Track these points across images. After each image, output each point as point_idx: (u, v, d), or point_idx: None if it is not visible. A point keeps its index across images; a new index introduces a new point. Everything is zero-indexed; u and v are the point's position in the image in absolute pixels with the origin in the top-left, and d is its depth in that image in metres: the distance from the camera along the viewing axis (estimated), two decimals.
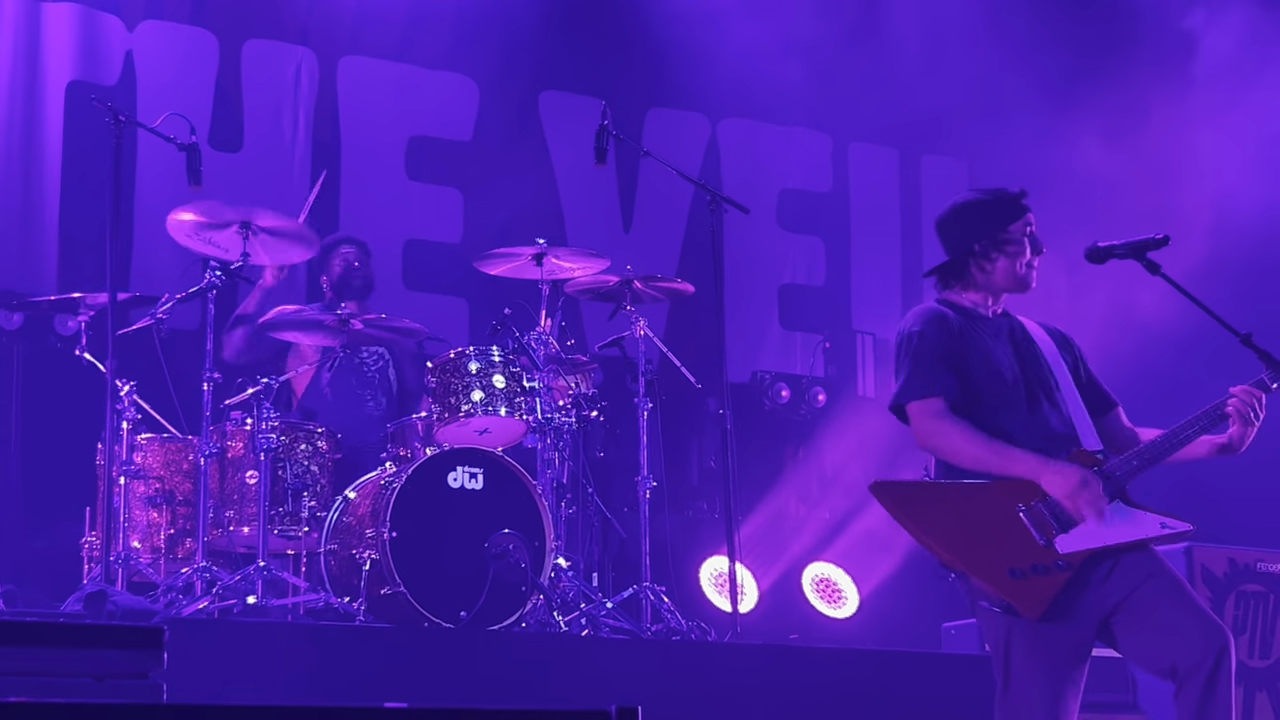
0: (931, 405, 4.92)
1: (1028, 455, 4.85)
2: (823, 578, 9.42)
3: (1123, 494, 4.89)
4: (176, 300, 7.21)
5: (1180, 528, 4.94)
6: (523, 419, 7.47)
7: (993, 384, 4.96)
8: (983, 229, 5.04)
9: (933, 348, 4.93)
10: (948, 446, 4.92)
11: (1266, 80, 9.76)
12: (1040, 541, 4.79)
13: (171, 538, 7.19)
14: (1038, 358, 5.06)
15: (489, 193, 10.11)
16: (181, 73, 9.57)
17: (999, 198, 5.09)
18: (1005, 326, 5.10)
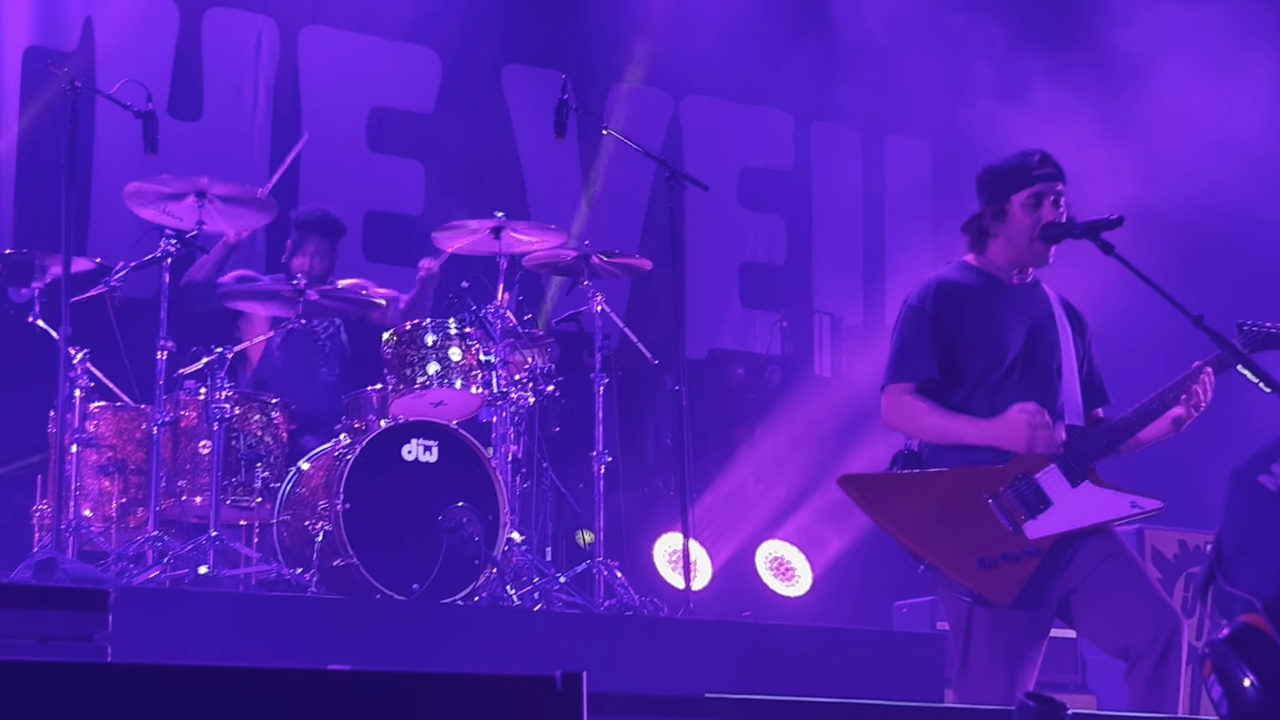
0: (902, 387, 4.96)
1: (980, 422, 4.88)
2: (776, 556, 9.43)
3: (1092, 474, 4.92)
4: (131, 269, 7.17)
5: (1151, 506, 4.98)
6: (478, 392, 7.46)
7: (983, 362, 4.98)
8: (992, 195, 5.06)
9: (918, 328, 4.97)
10: (910, 426, 4.97)
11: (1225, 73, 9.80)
12: (1009, 529, 4.82)
13: (123, 506, 7.16)
14: (1049, 337, 5.06)
15: (451, 165, 10.08)
16: (141, 40, 9.48)
17: (1015, 162, 5.06)
18: (1028, 298, 5.09)
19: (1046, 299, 5.16)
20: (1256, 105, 9.64)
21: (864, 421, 8.48)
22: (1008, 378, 4.98)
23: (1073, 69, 10.04)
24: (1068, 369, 5.07)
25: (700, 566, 8.92)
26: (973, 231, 5.13)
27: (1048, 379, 5.02)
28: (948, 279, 5.08)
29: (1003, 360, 4.98)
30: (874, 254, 11.28)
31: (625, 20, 10.30)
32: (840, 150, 11.34)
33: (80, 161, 8.71)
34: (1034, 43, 10.26)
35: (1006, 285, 5.08)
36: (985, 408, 4.95)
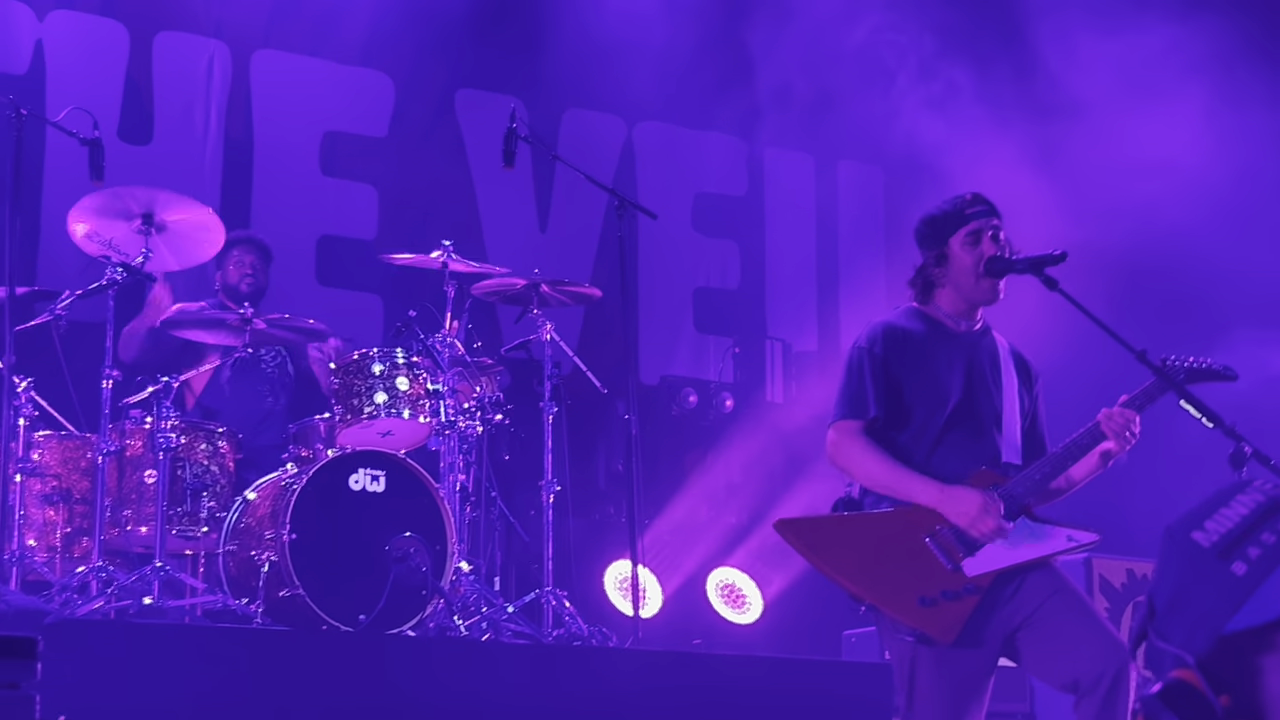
0: (851, 425, 4.97)
1: (929, 483, 4.89)
2: (727, 583, 9.43)
3: (1027, 510, 4.93)
4: (76, 297, 7.13)
5: (1087, 538, 5.00)
6: (426, 422, 7.44)
7: (925, 407, 5.00)
8: (931, 242, 5.09)
9: (870, 368, 4.98)
10: (854, 467, 4.99)
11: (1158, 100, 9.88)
12: (948, 567, 4.83)
13: (68, 536, 7.10)
14: (991, 384, 5.08)
15: (404, 189, 10.08)
16: (91, 63, 9.46)
17: (947, 206, 5.09)
18: (973, 345, 5.10)
19: (994, 346, 5.18)
20: (1189, 132, 9.72)
21: (816, 447, 8.42)
22: (949, 423, 5.00)
23: (1017, 94, 10.10)
24: (1009, 416, 5.09)
25: (650, 594, 8.92)
26: (919, 284, 5.15)
27: (987, 426, 5.04)
28: (895, 324, 5.10)
29: (944, 406, 5.00)
30: (828, 279, 11.31)
31: (578, 45, 10.29)
32: (793, 176, 11.37)
33: (29, 188, 8.68)
34: (984, 70, 10.30)
35: (953, 332, 5.10)
36: (927, 451, 4.98)
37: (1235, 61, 9.81)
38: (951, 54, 10.25)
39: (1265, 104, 9.77)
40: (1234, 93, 9.76)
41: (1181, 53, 9.78)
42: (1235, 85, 9.78)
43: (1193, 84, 9.73)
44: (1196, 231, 9.67)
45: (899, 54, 10.33)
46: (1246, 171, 9.81)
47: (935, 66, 10.26)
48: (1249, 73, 9.85)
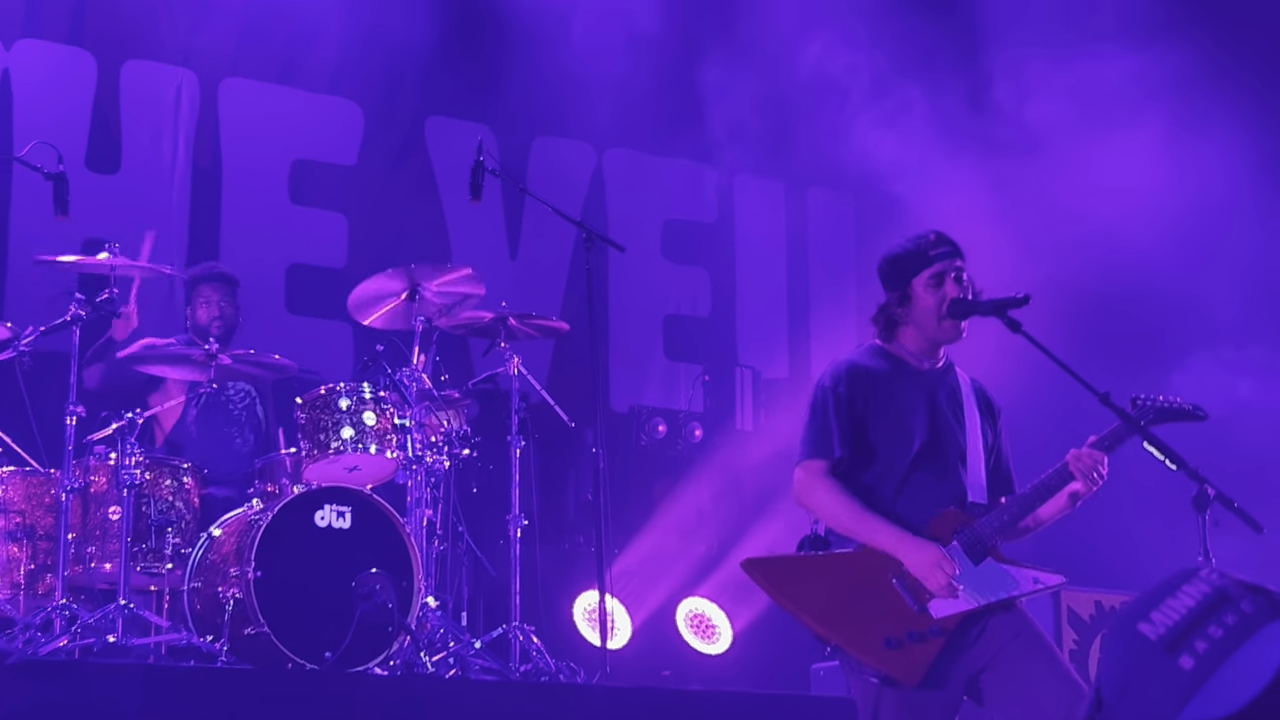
0: (816, 465, 4.97)
1: (890, 529, 4.88)
2: (696, 613, 9.41)
3: (994, 551, 4.93)
4: (40, 333, 7.09)
5: (1053, 581, 4.99)
6: (393, 457, 7.42)
7: (890, 447, 4.99)
8: (894, 281, 5.08)
9: (835, 407, 4.97)
10: (818, 508, 4.99)
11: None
12: (914, 608, 4.82)
13: (32, 573, 7.06)
14: (954, 422, 5.07)
15: (374, 218, 10.06)
16: (59, 92, 9.43)
17: (910, 246, 5.07)
18: (936, 383, 5.10)
19: (957, 384, 5.17)
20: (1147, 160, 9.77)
21: (787, 476, 8.45)
22: (914, 462, 4.99)
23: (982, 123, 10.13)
24: (972, 454, 5.08)
25: (619, 624, 8.90)
26: (881, 322, 5.15)
27: (952, 464, 5.04)
28: (858, 363, 5.09)
29: (908, 445, 5.00)
30: (798, 306, 11.32)
31: (548, 72, 10.28)
32: (763, 202, 11.37)
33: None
34: (947, 97, 10.32)
35: (916, 370, 5.10)
36: (893, 492, 4.97)
37: (1192, 89, 9.86)
38: (917, 80, 10.25)
39: (1222, 130, 9.80)
40: (1191, 120, 9.80)
41: (1139, 81, 9.83)
42: (1192, 112, 9.82)
43: (1151, 112, 9.78)
44: (1156, 260, 9.71)
45: (864, 80, 10.34)
46: (1204, 199, 9.84)
47: (900, 92, 10.26)
48: (1206, 100, 9.89)
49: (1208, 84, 9.90)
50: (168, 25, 9.71)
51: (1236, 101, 9.94)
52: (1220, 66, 10.01)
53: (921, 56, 10.26)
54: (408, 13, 9.99)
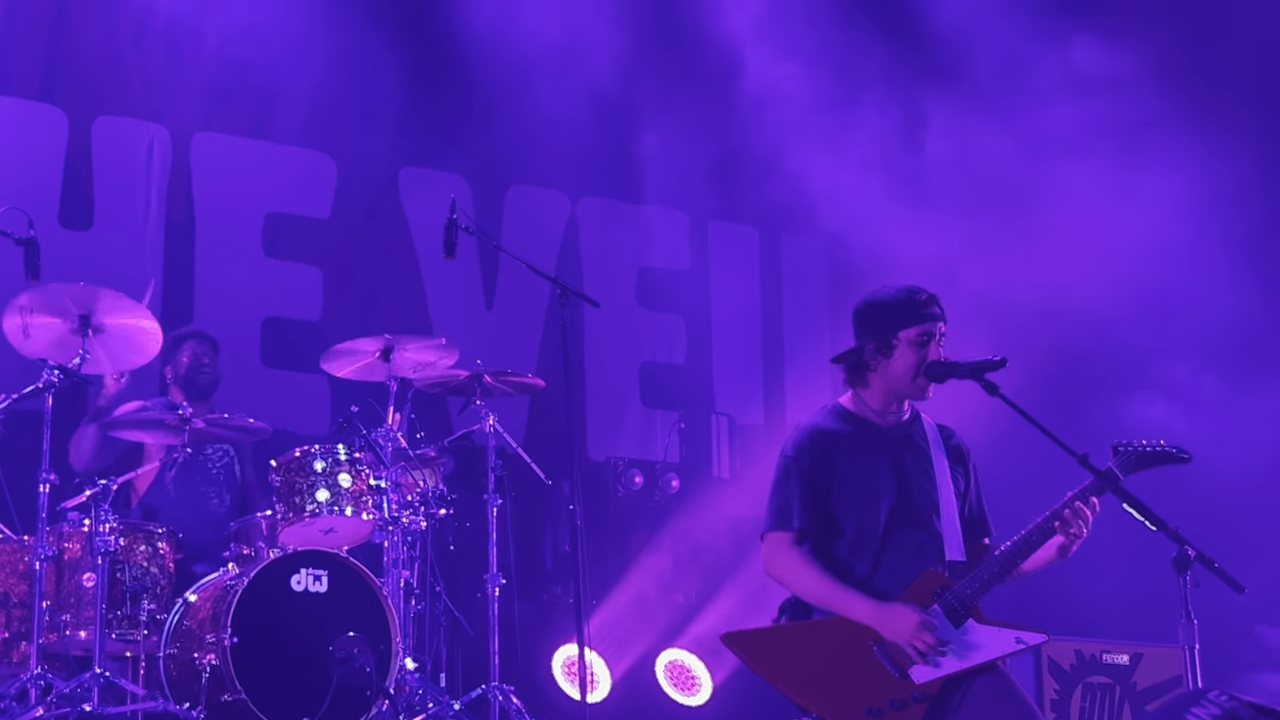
0: (781, 538, 4.94)
1: (863, 600, 4.86)
2: (676, 664, 9.38)
3: (975, 613, 4.90)
4: (12, 401, 7.05)
5: (1035, 640, 4.97)
6: (369, 518, 7.39)
7: (860, 511, 4.96)
8: (876, 330, 5.01)
9: (796, 478, 4.94)
10: (789, 581, 4.96)
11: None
12: (895, 675, 4.81)
13: (5, 642, 7.01)
14: (924, 476, 5.04)
15: (349, 270, 10.04)
16: (30, 149, 9.40)
17: (902, 298, 5.02)
18: (901, 437, 5.06)
19: (923, 434, 5.13)
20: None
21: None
22: (887, 525, 4.96)
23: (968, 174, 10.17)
24: (945, 505, 5.05)
25: (600, 677, 8.86)
26: (850, 365, 5.09)
27: (925, 520, 5.00)
28: (821, 427, 5.05)
29: (879, 508, 4.97)
30: (773, 351, 11.33)
31: (519, 122, 10.28)
32: (736, 248, 11.39)
33: None
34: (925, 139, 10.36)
35: (879, 427, 5.06)
36: (869, 558, 4.95)
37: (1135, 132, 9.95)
38: (889, 127, 10.29)
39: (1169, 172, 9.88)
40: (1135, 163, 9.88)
41: (1087, 127, 9.92)
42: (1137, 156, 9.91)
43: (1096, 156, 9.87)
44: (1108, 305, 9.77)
45: (834, 126, 10.37)
46: (1149, 241, 9.90)
47: (871, 139, 10.29)
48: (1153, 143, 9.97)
49: (1151, 127, 9.98)
50: (139, 81, 9.69)
51: (1179, 142, 10.01)
52: (1164, 108, 10.08)
53: (896, 104, 10.29)
54: (377, 65, 10.00)
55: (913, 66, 10.45)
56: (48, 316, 7.26)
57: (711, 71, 10.56)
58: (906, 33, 10.58)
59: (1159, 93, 10.14)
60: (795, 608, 5.02)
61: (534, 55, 10.11)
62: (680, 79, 10.71)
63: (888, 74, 10.34)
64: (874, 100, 10.34)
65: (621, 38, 10.44)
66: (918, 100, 10.40)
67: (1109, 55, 10.11)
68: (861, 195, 10.24)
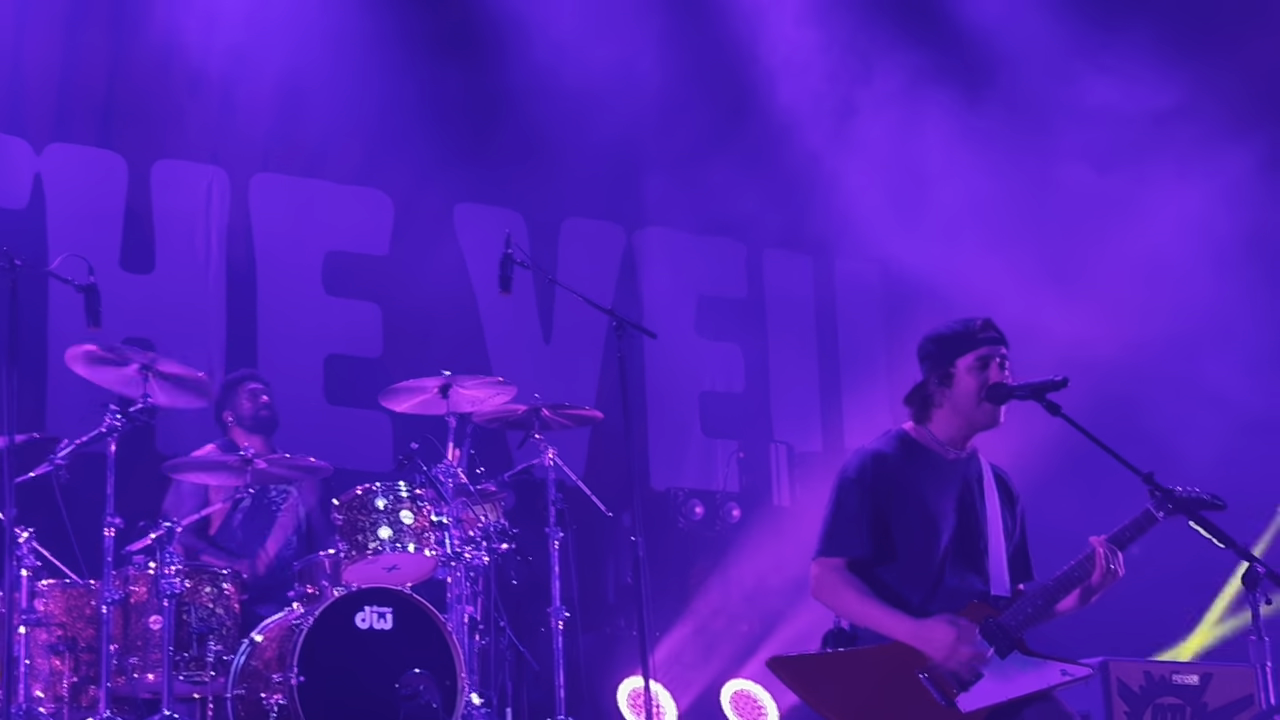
0: (831, 563, 4.93)
1: (902, 619, 4.84)
2: (742, 694, 9.36)
3: (1021, 644, 4.88)
4: (77, 445, 7.13)
5: (1080, 674, 4.94)
6: (432, 555, 7.42)
7: (915, 540, 4.94)
8: (936, 362, 5.02)
9: (854, 503, 4.92)
10: (835, 604, 4.95)
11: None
12: (942, 703, 4.79)
13: (74, 686, 7.05)
14: (978, 514, 5.02)
15: (407, 306, 10.09)
16: (91, 195, 9.52)
17: (958, 328, 5.02)
18: (961, 474, 5.04)
19: (980, 472, 5.12)
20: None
21: None
22: (940, 557, 4.95)
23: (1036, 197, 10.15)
24: (994, 542, 5.03)
25: (665, 709, 8.85)
26: (917, 402, 5.08)
27: (976, 557, 4.99)
28: (884, 452, 5.03)
29: (936, 539, 4.95)
30: (829, 378, 11.32)
31: (575, 155, 10.32)
32: (793, 276, 11.39)
33: (34, 334, 8.70)
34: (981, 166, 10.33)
35: (942, 460, 5.04)
36: (919, 587, 4.93)
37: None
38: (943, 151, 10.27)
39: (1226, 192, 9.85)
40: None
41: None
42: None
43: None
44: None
45: (887, 152, 10.36)
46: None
47: (924, 163, 10.28)
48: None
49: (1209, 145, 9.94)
50: (196, 124, 9.79)
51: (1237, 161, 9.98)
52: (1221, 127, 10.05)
53: (950, 133, 10.28)
54: (430, 102, 10.08)
55: (969, 95, 10.43)
56: (106, 368, 7.34)
57: (764, 101, 10.57)
58: (963, 61, 10.58)
59: (1220, 113, 10.12)
60: (838, 638, 5.00)
61: (586, 89, 10.14)
62: (733, 109, 10.74)
63: (943, 102, 10.33)
64: (928, 128, 10.33)
65: (673, 69, 10.49)
66: (973, 128, 10.36)
67: (1166, 78, 10.08)
68: (914, 221, 10.23)
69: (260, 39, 9.82)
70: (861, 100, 10.34)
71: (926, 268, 9.93)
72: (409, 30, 10.09)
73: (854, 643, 4.95)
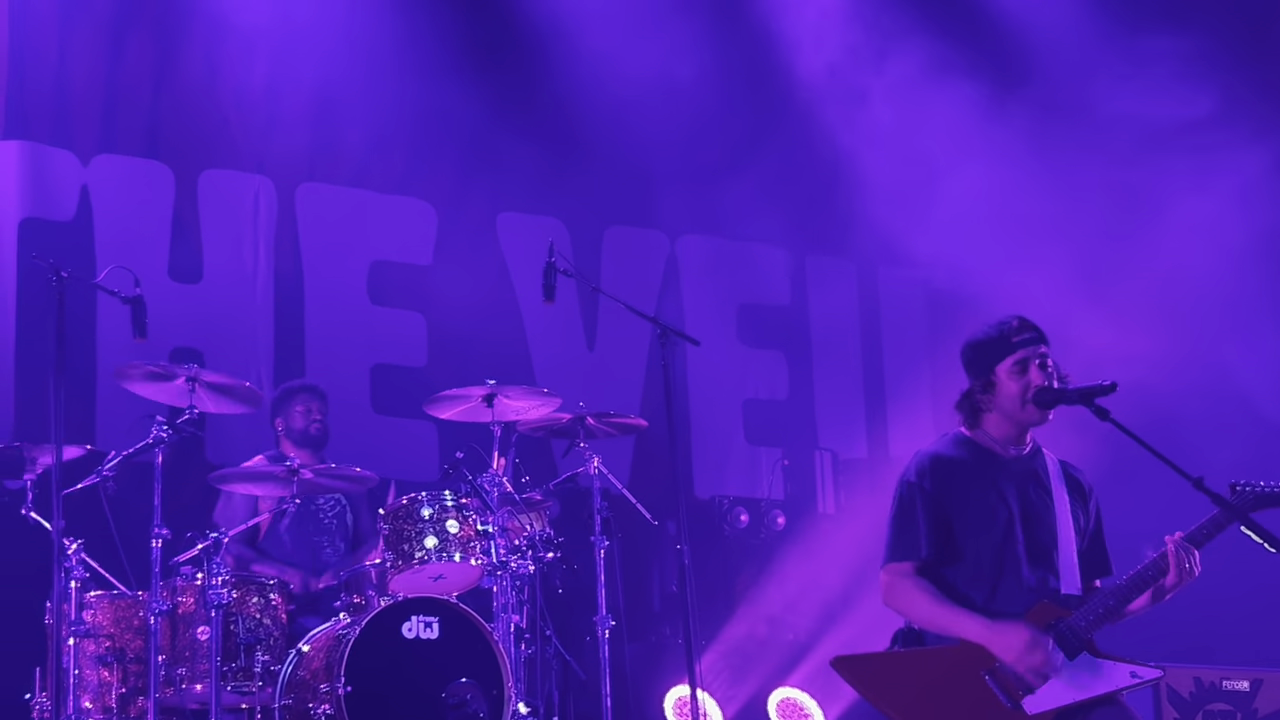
0: (901, 568, 4.93)
1: (976, 620, 4.84)
2: (789, 701, 9.34)
3: (1090, 646, 4.86)
4: (123, 457, 7.17)
5: (1150, 675, 4.92)
6: (478, 564, 7.43)
7: (979, 540, 4.93)
8: (978, 369, 5.03)
9: (916, 506, 4.93)
10: (907, 610, 4.95)
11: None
12: (1007, 705, 4.78)
13: (123, 697, 7.07)
14: (1044, 509, 5.01)
15: (452, 316, 10.11)
16: (138, 205, 9.56)
17: (993, 333, 5.02)
18: (1024, 470, 5.04)
19: (1045, 468, 5.10)
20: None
21: (872, 558, 8.43)
22: (1006, 555, 4.93)
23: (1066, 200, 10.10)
24: (1064, 540, 5.01)
25: (712, 717, 8.85)
26: (966, 409, 5.09)
27: (1044, 553, 4.97)
28: (943, 454, 5.03)
29: (999, 538, 4.94)
30: (874, 386, 11.30)
31: (616, 163, 10.33)
32: (836, 283, 11.37)
33: (82, 346, 8.76)
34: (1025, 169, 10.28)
35: (1002, 458, 5.03)
36: (986, 587, 4.92)
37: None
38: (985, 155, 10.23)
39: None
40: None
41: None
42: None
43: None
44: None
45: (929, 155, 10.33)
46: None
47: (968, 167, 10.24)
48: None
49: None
50: (241, 134, 9.84)
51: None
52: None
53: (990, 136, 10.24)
54: (473, 112, 10.10)
55: (1016, 102, 10.39)
56: (154, 384, 7.38)
57: (805, 107, 10.56)
58: (1010, 67, 10.55)
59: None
60: (909, 637, 5.00)
61: (627, 97, 10.16)
62: (775, 114, 10.72)
63: (990, 110, 10.29)
64: (968, 132, 10.29)
65: (713, 74, 10.49)
66: (1013, 131, 10.32)
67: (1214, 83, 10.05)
68: (957, 227, 10.19)
69: (302, 49, 9.89)
70: (906, 106, 10.31)
71: (971, 274, 9.89)
72: (450, 39, 10.13)
73: (922, 642, 4.94)
